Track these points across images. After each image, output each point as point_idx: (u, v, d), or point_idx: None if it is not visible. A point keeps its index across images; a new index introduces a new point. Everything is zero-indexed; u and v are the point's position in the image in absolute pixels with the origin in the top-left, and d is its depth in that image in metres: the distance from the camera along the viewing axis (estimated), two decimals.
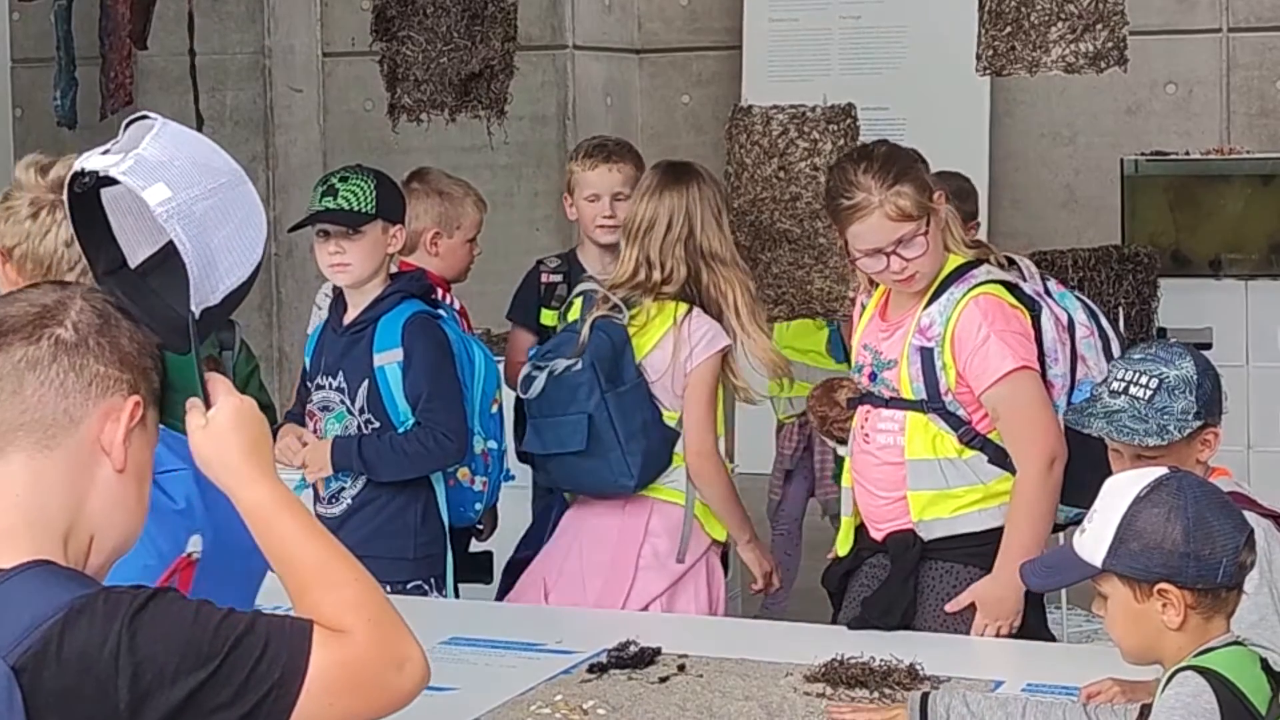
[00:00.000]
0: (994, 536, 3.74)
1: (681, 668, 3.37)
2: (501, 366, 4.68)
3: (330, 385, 4.31)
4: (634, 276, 4.26)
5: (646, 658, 3.40)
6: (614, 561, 4.29)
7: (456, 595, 4.41)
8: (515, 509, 5.02)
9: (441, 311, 4.41)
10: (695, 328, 4.22)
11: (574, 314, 4.37)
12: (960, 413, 3.75)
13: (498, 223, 8.28)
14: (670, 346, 4.22)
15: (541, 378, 4.27)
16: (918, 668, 3.26)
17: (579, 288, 4.46)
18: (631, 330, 4.25)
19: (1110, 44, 5.74)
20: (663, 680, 3.30)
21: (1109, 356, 3.83)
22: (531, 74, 7.85)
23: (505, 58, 6.65)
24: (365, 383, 4.26)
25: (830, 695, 3.19)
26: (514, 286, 5.18)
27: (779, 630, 4.13)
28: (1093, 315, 3.89)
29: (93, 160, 2.04)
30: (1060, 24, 5.77)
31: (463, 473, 4.35)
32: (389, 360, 4.24)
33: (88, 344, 1.96)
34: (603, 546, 4.31)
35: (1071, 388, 3.78)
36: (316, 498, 4.31)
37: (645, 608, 4.25)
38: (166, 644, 1.83)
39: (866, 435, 3.85)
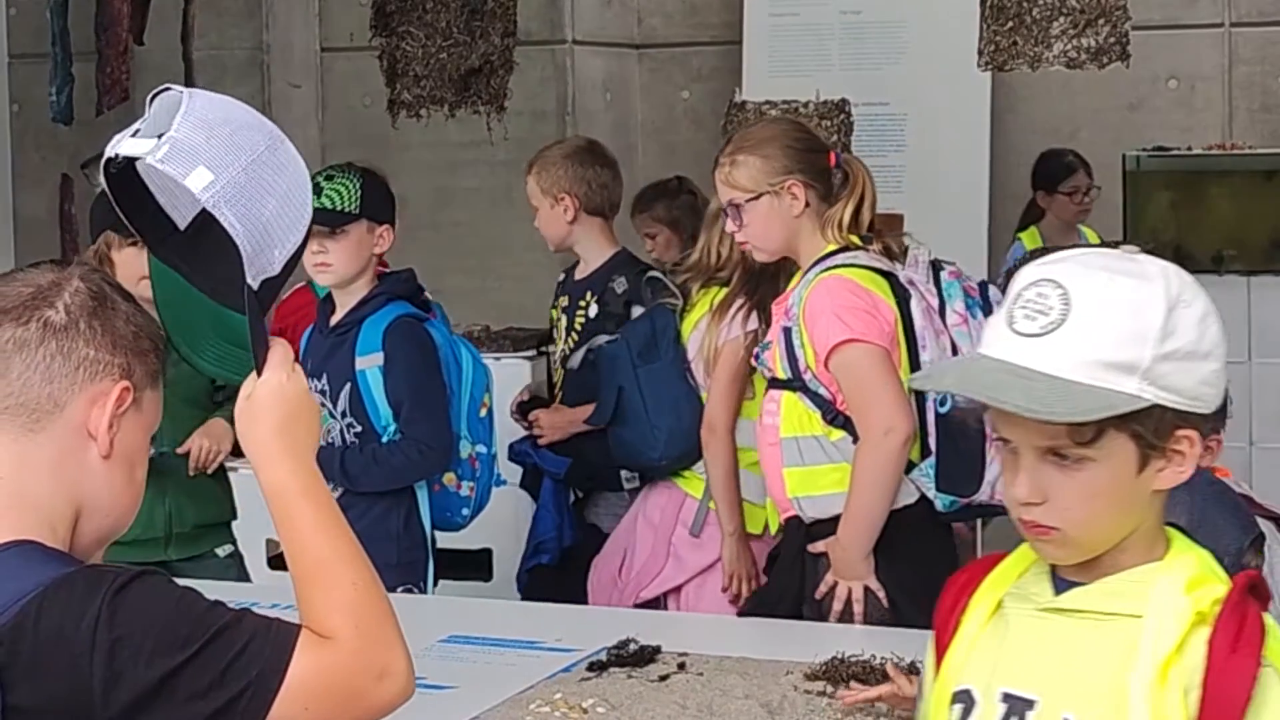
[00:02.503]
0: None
1: (681, 666, 3.35)
2: (495, 367, 4.68)
3: (315, 387, 4.28)
4: (697, 263, 4.50)
5: (646, 656, 3.39)
6: (654, 545, 4.49)
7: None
8: (513, 506, 5.01)
9: (430, 314, 4.36)
10: (727, 310, 4.39)
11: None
12: (823, 392, 3.81)
13: (497, 219, 8.26)
14: (705, 328, 4.40)
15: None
16: (919, 665, 3.24)
17: (649, 274, 4.79)
18: (684, 315, 4.51)
19: (1112, 39, 5.74)
20: (663, 678, 3.29)
21: None
22: (531, 69, 7.82)
23: (505, 53, 6.65)
24: (347, 386, 4.22)
25: (830, 693, 3.17)
26: (513, 282, 5.20)
27: (779, 628, 4.12)
28: (984, 306, 3.90)
29: (124, 144, 1.98)
30: (1062, 19, 5.77)
31: (448, 478, 4.32)
32: (370, 364, 4.21)
33: (78, 326, 1.94)
34: (648, 527, 4.53)
35: None
36: None
37: (666, 595, 4.37)
38: (146, 622, 1.81)
39: (761, 417, 3.94)
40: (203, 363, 2.10)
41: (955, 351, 3.84)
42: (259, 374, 2.00)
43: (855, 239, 3.88)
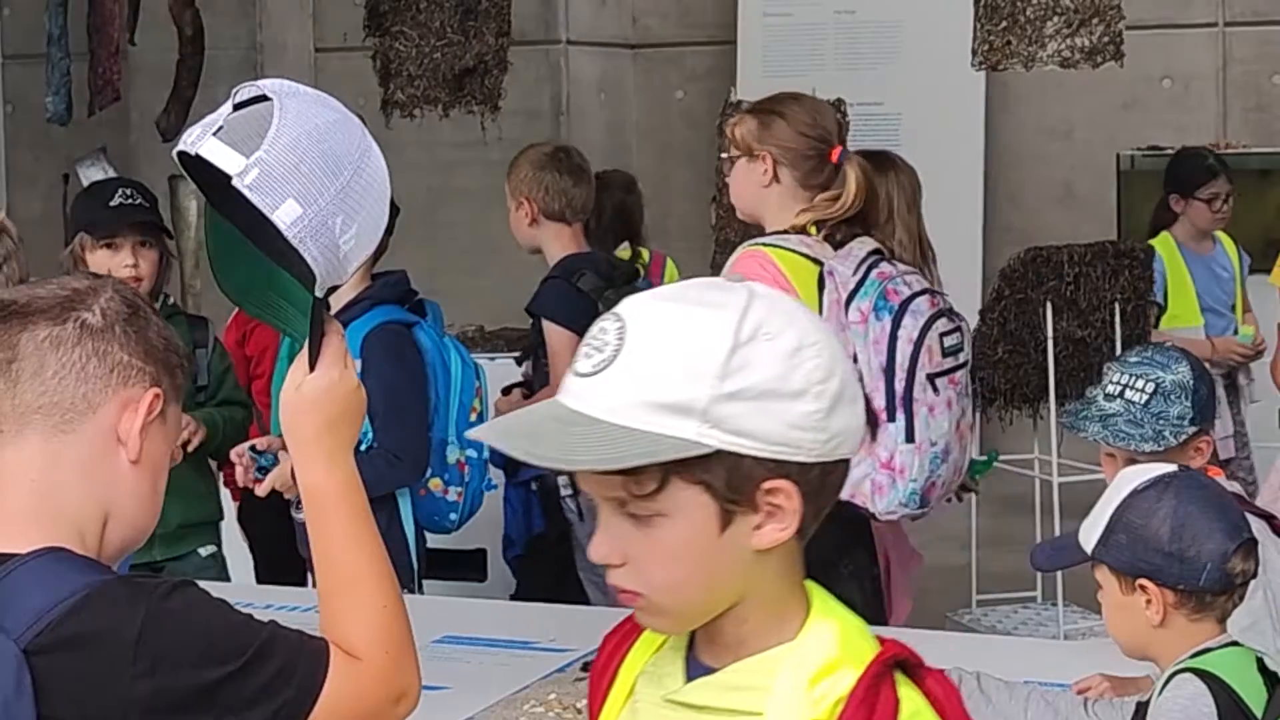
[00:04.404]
0: None
1: None
2: (489, 368, 4.67)
3: None
4: None
5: None
6: None
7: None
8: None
9: (422, 315, 4.34)
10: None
11: None
12: None
13: (491, 219, 8.25)
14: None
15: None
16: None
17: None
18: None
19: (1106, 39, 5.74)
20: None
21: (892, 352, 3.79)
22: (525, 69, 7.82)
23: (499, 53, 6.64)
24: None
25: None
26: (507, 282, 5.20)
27: None
28: (897, 313, 3.82)
29: (208, 146, 1.92)
30: (1056, 19, 5.77)
31: (434, 483, 4.30)
32: None
33: (114, 330, 1.93)
34: None
35: None
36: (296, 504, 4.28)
37: None
38: (189, 635, 1.81)
39: None
40: (251, 308, 2.10)
41: (853, 351, 3.77)
42: (311, 365, 1.99)
43: (811, 227, 3.90)
